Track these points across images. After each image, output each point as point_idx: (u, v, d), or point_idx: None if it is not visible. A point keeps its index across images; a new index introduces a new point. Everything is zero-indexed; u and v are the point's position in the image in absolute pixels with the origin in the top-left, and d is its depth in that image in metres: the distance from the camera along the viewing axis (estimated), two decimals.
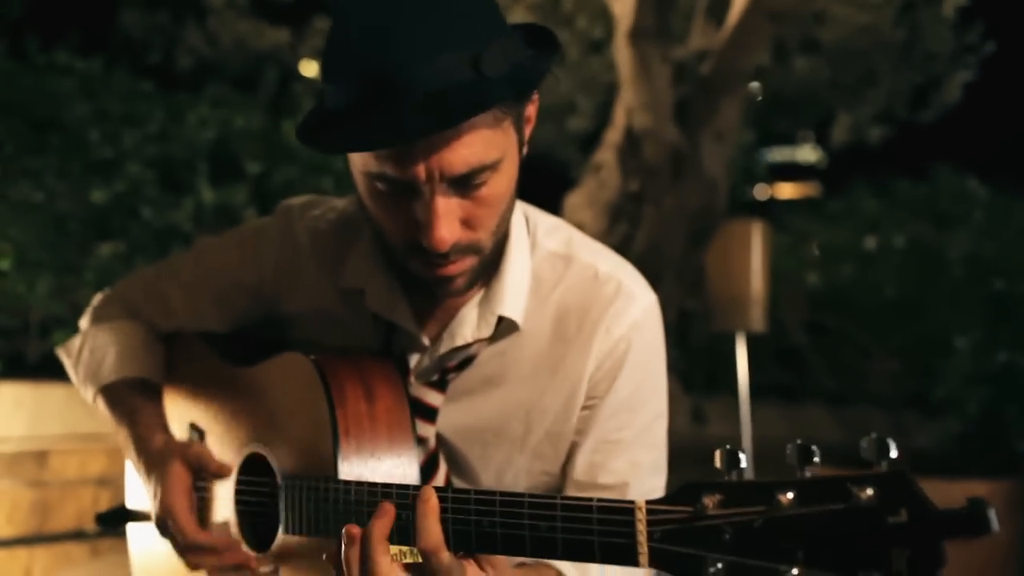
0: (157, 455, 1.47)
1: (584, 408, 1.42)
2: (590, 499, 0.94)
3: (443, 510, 1.09)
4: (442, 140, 1.16)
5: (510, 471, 1.46)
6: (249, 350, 1.56)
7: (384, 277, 1.41)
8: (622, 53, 3.61)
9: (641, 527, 0.85)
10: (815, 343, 5.67)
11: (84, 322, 1.72)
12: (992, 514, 0.71)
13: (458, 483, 1.47)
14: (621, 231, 3.51)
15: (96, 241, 3.99)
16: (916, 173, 6.00)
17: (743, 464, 0.81)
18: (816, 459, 0.81)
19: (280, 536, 1.40)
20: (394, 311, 1.42)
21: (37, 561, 4.20)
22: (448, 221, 1.20)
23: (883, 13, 5.79)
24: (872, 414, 5.61)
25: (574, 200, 4.14)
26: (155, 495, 1.45)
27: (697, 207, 3.41)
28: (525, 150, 1.34)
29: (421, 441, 1.42)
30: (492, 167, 1.21)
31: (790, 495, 0.76)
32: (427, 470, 1.43)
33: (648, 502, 0.86)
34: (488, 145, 1.19)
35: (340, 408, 1.32)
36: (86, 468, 4.21)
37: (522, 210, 1.47)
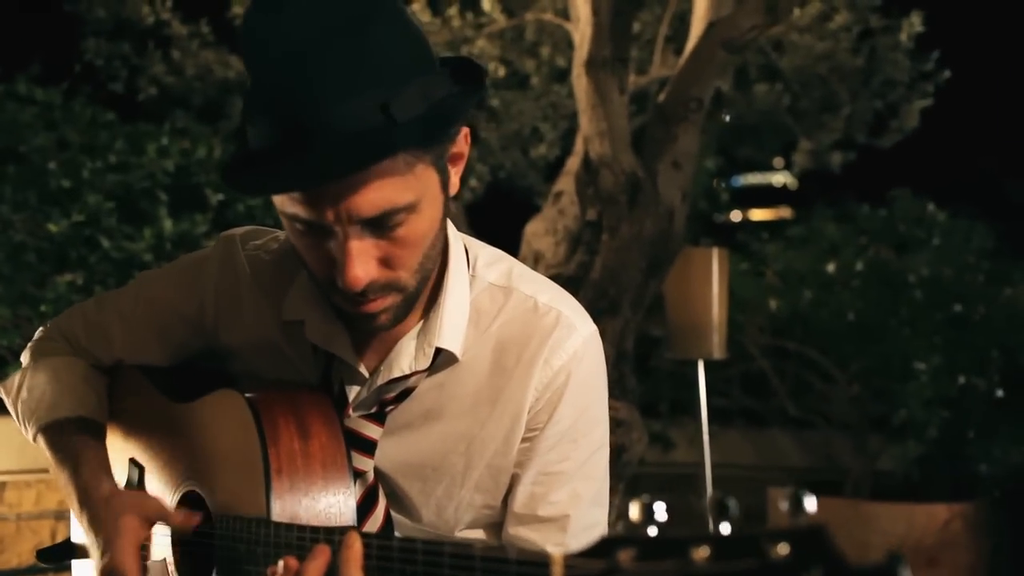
0: (104, 505, 1.43)
1: (524, 440, 1.42)
2: (507, 550, 0.93)
3: (367, 556, 1.09)
4: (350, 184, 1.16)
5: (451, 506, 1.45)
6: (189, 384, 1.56)
7: (323, 308, 1.41)
8: (579, 82, 3.64)
9: None
10: (777, 368, 5.70)
11: (25, 357, 1.71)
12: (906, 573, 0.70)
13: (398, 518, 1.47)
14: (578, 259, 3.53)
15: (54, 273, 3.96)
16: (876, 198, 6.07)
17: (659, 516, 0.81)
18: (734, 510, 0.79)
19: None
20: (333, 342, 1.42)
21: None
22: (362, 261, 1.21)
23: (841, 41, 5.87)
24: (834, 438, 5.64)
25: (534, 228, 4.16)
26: (102, 550, 1.40)
27: (654, 235, 3.42)
28: (454, 188, 1.34)
29: (359, 475, 1.42)
30: (407, 209, 1.22)
31: (704, 551, 0.74)
32: (366, 504, 1.43)
33: (564, 556, 0.86)
34: (400, 188, 1.20)
35: (273, 447, 1.32)
36: (43, 501, 4.15)
37: (462, 241, 1.48)
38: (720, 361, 4.24)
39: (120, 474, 1.62)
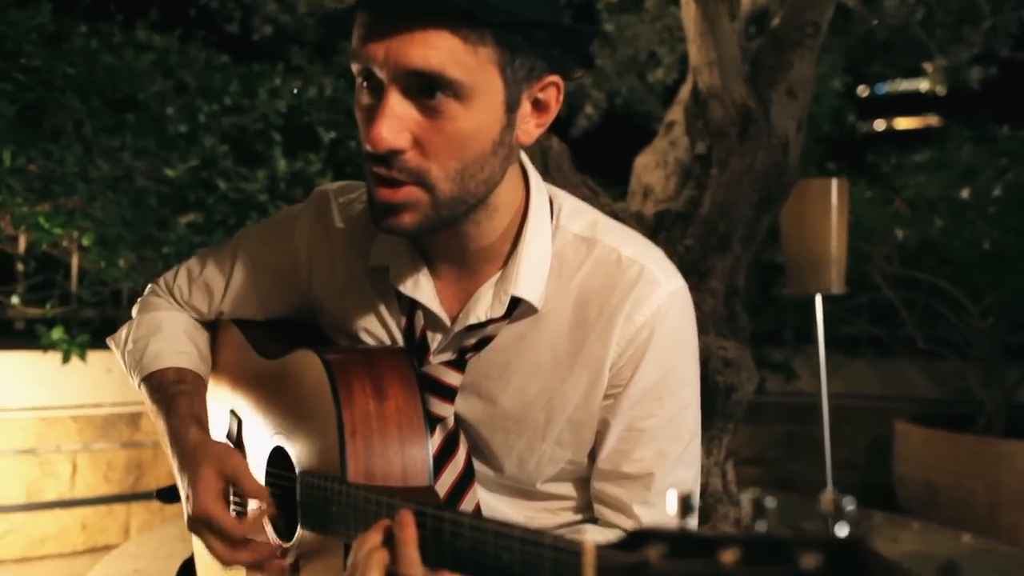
0: (190, 453, 1.48)
1: (608, 396, 1.41)
2: (544, 534, 0.92)
3: (421, 526, 1.10)
4: (405, 28, 1.18)
5: (532, 459, 1.45)
6: (279, 340, 1.60)
7: (408, 255, 1.44)
8: (687, 9, 3.48)
9: (589, 571, 0.83)
10: (906, 298, 5.45)
11: (134, 311, 1.79)
12: None
13: (480, 467, 1.48)
14: (688, 194, 3.41)
15: (174, 215, 4.10)
16: (1017, 118, 5.66)
17: (693, 508, 0.77)
18: (771, 506, 0.75)
19: (299, 530, 1.43)
20: (416, 288, 1.43)
21: (135, 516, 4.42)
22: (392, 122, 1.21)
23: None
24: (967, 370, 5.39)
25: (644, 160, 4.04)
26: (187, 497, 1.46)
27: (767, 168, 3.27)
28: (527, 136, 1.33)
29: (439, 420, 1.43)
30: (454, 87, 1.21)
31: (733, 553, 0.70)
32: (446, 450, 1.45)
33: (596, 546, 0.84)
34: (452, 57, 1.19)
35: (347, 409, 1.33)
36: None
37: (547, 191, 1.46)
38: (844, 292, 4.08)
39: (223, 424, 1.68)
